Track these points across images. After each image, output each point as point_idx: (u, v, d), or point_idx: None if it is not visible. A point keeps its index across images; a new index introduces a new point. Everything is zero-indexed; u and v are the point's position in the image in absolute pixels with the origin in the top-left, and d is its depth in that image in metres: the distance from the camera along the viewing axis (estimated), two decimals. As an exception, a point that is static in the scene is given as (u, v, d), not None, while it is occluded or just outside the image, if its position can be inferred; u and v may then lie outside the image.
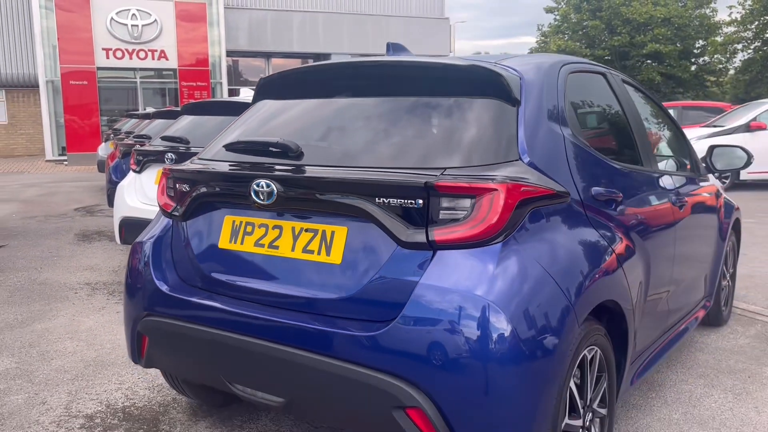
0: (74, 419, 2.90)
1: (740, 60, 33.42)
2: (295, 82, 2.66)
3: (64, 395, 3.14)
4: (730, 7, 31.90)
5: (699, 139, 10.82)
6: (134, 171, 5.40)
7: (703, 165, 3.74)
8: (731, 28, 32.11)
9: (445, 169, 1.95)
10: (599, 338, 2.18)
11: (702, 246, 3.52)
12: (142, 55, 19.84)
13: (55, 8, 18.85)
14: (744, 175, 10.87)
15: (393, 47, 2.78)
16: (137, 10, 19.56)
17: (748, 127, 10.81)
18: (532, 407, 1.83)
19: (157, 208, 2.62)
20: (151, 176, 5.14)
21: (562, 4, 35.79)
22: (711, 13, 33.22)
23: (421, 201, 1.89)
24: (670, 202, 2.96)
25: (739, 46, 32.26)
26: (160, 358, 2.49)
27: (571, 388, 2.03)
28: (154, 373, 3.37)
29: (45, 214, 9.37)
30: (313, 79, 2.63)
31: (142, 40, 19.75)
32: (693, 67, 33.37)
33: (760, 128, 10.72)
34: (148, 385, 3.26)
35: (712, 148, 3.68)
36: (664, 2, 32.16)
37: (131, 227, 5.05)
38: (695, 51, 33.80)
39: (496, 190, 1.87)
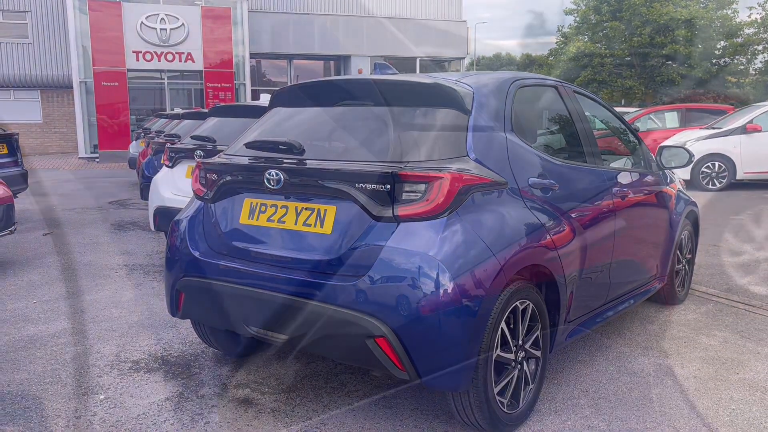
0: (124, 363, 3.61)
1: (761, 62, 33.38)
2: (302, 94, 3.34)
3: (114, 347, 3.86)
4: (750, 8, 31.91)
5: (698, 140, 11.30)
6: (167, 166, 6.11)
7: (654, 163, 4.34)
8: (751, 30, 32.11)
9: (408, 162, 2.61)
10: (531, 294, 2.81)
11: (648, 233, 4.11)
12: (169, 57, 20.77)
13: (88, 11, 19.82)
14: (741, 174, 11.28)
15: (379, 67, 3.45)
16: (166, 14, 20.49)
17: (744, 129, 11.19)
18: (466, 339, 2.46)
19: (187, 199, 3.30)
20: (182, 171, 5.83)
21: (582, 5, 35.98)
22: (732, 14, 33.16)
23: (389, 186, 2.54)
24: (610, 193, 3.55)
25: (759, 48, 32.23)
26: (193, 310, 3.18)
27: (503, 329, 2.67)
28: (186, 332, 4.07)
29: (82, 206, 10.19)
30: (316, 91, 3.29)
31: (170, 43, 20.66)
32: (714, 68, 33.31)
33: (756, 130, 11.10)
34: (181, 341, 3.96)
35: (662, 148, 4.27)
36: (685, 3, 32.18)
37: (164, 215, 5.75)
38: (716, 52, 33.71)
39: (443, 178, 2.51)
